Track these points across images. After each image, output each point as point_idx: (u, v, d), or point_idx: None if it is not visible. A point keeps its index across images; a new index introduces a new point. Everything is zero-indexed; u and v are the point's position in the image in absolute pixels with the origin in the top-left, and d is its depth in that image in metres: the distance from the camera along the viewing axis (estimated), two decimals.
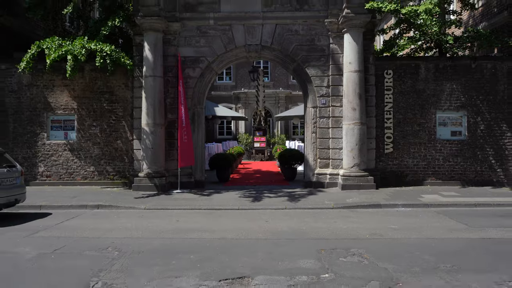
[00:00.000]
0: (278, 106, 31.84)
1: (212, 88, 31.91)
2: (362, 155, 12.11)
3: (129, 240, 6.99)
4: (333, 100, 12.65)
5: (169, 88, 12.79)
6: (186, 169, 12.67)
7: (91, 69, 13.00)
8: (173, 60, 12.72)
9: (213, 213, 9.43)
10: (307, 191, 12.04)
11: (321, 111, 12.76)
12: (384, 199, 10.40)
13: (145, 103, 12.24)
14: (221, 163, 14.50)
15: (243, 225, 8.12)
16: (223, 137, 31.59)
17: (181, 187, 12.29)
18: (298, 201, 10.43)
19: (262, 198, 10.90)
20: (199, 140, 13.04)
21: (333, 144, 12.63)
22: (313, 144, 12.84)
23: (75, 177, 13.09)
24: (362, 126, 12.13)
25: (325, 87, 12.75)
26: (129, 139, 13.03)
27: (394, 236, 7.23)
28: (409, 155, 12.84)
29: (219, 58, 12.97)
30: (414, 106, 12.84)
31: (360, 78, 12.11)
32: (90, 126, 13.09)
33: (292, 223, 8.33)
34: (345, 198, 10.71)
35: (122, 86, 13.07)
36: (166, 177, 12.40)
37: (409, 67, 12.87)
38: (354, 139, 12.05)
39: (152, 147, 12.17)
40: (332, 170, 12.61)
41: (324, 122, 12.75)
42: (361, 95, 12.13)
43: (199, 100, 13.07)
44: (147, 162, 12.21)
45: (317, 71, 12.76)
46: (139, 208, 9.94)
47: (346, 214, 9.16)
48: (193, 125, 12.92)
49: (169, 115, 12.78)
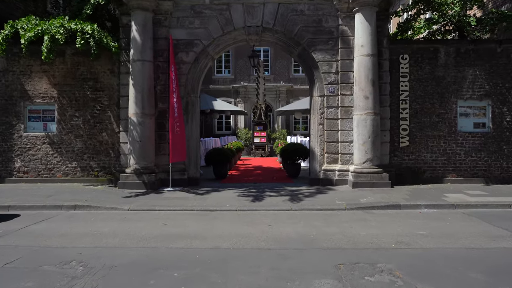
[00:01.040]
0: (279, 101, 30.63)
1: (210, 81, 30.73)
2: (375, 149, 10.81)
3: (102, 251, 5.69)
4: (343, 88, 11.33)
5: (160, 74, 11.46)
6: (179, 165, 11.37)
7: (73, 53, 11.67)
8: (164, 43, 11.39)
9: (207, 215, 8.13)
10: (314, 189, 10.74)
11: (329, 100, 11.45)
12: (403, 199, 9.10)
13: (133, 90, 10.92)
14: (218, 158, 13.21)
15: (242, 230, 6.82)
16: (222, 133, 30.40)
17: (173, 185, 11.00)
18: (304, 201, 9.14)
19: (264, 198, 9.60)
20: (193, 132, 11.72)
21: (343, 137, 11.33)
22: (320, 137, 11.54)
23: (56, 173, 11.78)
24: (376, 117, 10.82)
25: (333, 74, 11.43)
26: (115, 131, 11.72)
27: (425, 245, 5.94)
28: (426, 149, 11.53)
29: (216, 41, 11.63)
30: (432, 94, 11.52)
31: (373, 63, 10.79)
32: (72, 117, 11.77)
33: (299, 227, 7.04)
34: (358, 197, 9.42)
35: (107, 72, 11.74)
36: (156, 174, 11.09)
37: (427, 51, 11.55)
38: (367, 131, 10.75)
39: (140, 140, 10.86)
40: (342, 166, 11.31)
41: (333, 112, 11.43)
42: (375, 81, 10.82)
43: (193, 88, 11.75)
44: (134, 156, 10.90)
45: (325, 55, 11.44)
46: (122, 209, 8.64)
47: (362, 217, 7.86)
48: (186, 115, 11.61)
49: (159, 104, 11.47)
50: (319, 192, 10.29)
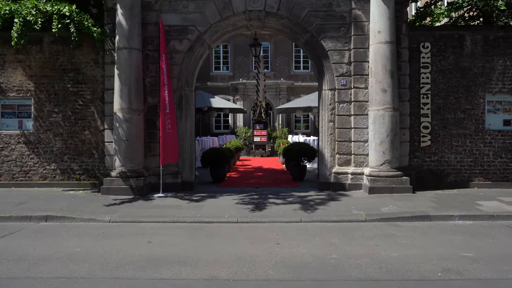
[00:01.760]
0: (279, 98, 29.39)
1: (208, 78, 29.44)
2: (394, 149, 9.52)
3: (63, 284, 4.38)
4: (356, 80, 10.03)
5: (149, 64, 10.14)
6: (171, 167, 10.05)
7: (52, 41, 10.33)
8: (154, 29, 10.06)
9: (202, 228, 6.82)
10: (325, 195, 9.44)
11: (340, 94, 10.15)
12: (431, 208, 7.81)
13: (118, 83, 9.59)
14: (215, 159, 11.89)
15: (244, 251, 5.52)
16: (220, 131, 29.12)
17: (165, 190, 9.69)
18: (316, 211, 7.84)
19: (268, 206, 8.30)
20: (187, 130, 10.40)
21: (356, 136, 10.03)
22: (330, 136, 10.23)
23: (32, 176, 10.44)
24: (395, 113, 9.53)
25: (345, 64, 10.12)
26: (99, 129, 10.38)
27: (480, 274, 4.64)
28: (450, 149, 10.24)
29: (213, 28, 10.31)
30: (457, 88, 10.23)
31: (391, 51, 9.49)
32: (50, 113, 10.43)
33: (314, 246, 5.74)
34: (378, 205, 8.12)
35: (90, 63, 10.40)
36: (145, 177, 9.77)
37: (451, 39, 10.25)
38: (385, 129, 9.45)
39: (126, 139, 9.53)
40: (355, 169, 10.01)
41: (345, 108, 10.13)
42: (393, 73, 9.52)
43: (188, 81, 10.43)
44: (120, 157, 9.57)
45: (336, 43, 10.13)
46: (101, 220, 7.32)
47: (388, 231, 6.57)
48: (180, 111, 10.28)
49: (149, 99, 10.15)
50: (331, 198, 8.99)
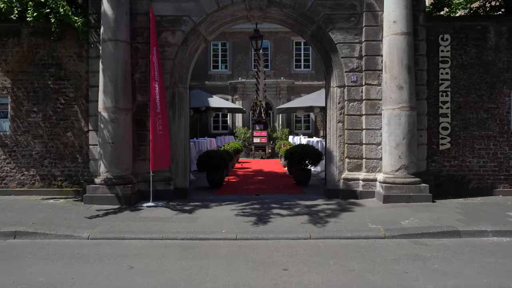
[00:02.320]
0: (280, 98, 28.44)
1: (206, 77, 28.47)
2: (412, 153, 8.52)
3: None
4: (368, 77, 9.04)
5: (139, 59, 9.13)
6: (163, 173, 9.05)
7: (31, 33, 9.32)
8: (144, 20, 9.06)
9: (194, 247, 5.82)
10: (335, 204, 8.44)
11: (350, 91, 9.15)
12: (458, 221, 6.80)
13: (103, 79, 8.58)
14: (212, 163, 10.89)
15: (245, 280, 4.51)
16: (218, 132, 28.14)
17: (155, 198, 8.68)
18: (327, 224, 6.83)
19: (271, 217, 7.30)
20: (180, 131, 9.39)
21: (368, 138, 9.04)
22: (339, 138, 9.23)
23: (9, 183, 9.42)
24: (412, 112, 8.54)
25: (356, 59, 9.13)
26: (83, 131, 9.37)
27: None
28: (472, 152, 9.25)
29: (209, 18, 9.30)
30: (479, 84, 9.24)
31: (408, 44, 8.51)
32: (29, 113, 9.41)
33: (330, 273, 4.74)
34: (396, 218, 7.12)
35: (73, 57, 9.38)
36: (134, 184, 8.76)
37: (473, 30, 9.26)
38: (401, 131, 8.46)
39: (112, 141, 8.52)
40: (367, 174, 9.02)
41: (355, 107, 9.14)
42: (410, 67, 8.53)
43: (181, 77, 9.42)
44: (105, 162, 8.56)
45: (345, 36, 9.14)
46: (79, 237, 6.31)
47: (414, 251, 5.57)
48: (173, 110, 9.28)
49: (138, 97, 9.14)
50: (342, 209, 7.99)
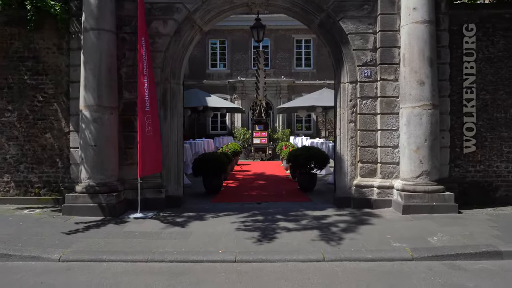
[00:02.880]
0: (280, 97, 27.55)
1: (204, 76, 27.53)
2: (434, 157, 7.53)
3: None
4: (384, 71, 8.04)
5: (126, 51, 8.12)
6: (153, 179, 8.04)
7: (5, 22, 8.30)
8: (132, 7, 8.05)
9: (185, 273, 4.81)
10: (347, 215, 7.43)
11: (363, 88, 8.16)
12: (495, 238, 5.80)
13: (84, 73, 7.56)
14: (209, 166, 9.90)
15: None
16: (217, 132, 27.18)
17: (144, 208, 7.68)
18: (342, 241, 5.83)
19: (277, 233, 6.29)
20: (173, 132, 8.38)
21: (384, 140, 8.04)
22: (350, 139, 8.23)
23: None
24: (435, 111, 7.55)
25: (369, 51, 8.14)
26: (64, 132, 8.35)
27: None
28: (500, 156, 8.25)
29: (205, 6, 8.30)
30: (509, 80, 8.25)
31: (430, 33, 7.52)
32: (3, 112, 8.39)
33: None
34: (421, 233, 6.12)
35: (53, 49, 8.37)
36: (119, 192, 7.74)
37: (501, 19, 8.26)
38: (422, 132, 7.47)
39: (94, 144, 7.50)
40: (382, 181, 8.01)
41: (369, 105, 8.15)
42: (433, 60, 7.54)
43: (174, 72, 8.41)
44: (87, 168, 7.54)
45: (358, 25, 8.14)
46: (48, 258, 5.29)
47: (453, 280, 4.56)
48: (164, 109, 8.28)
49: (125, 94, 8.13)
50: (357, 221, 6.98)
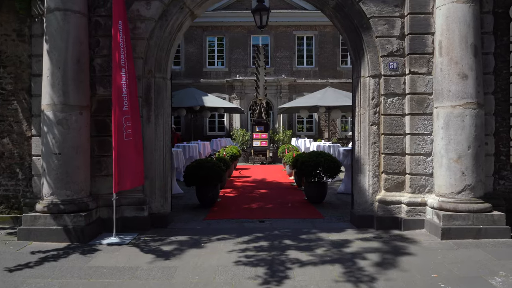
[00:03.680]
0: (280, 97, 26.35)
1: (201, 74, 26.26)
2: (479, 168, 6.09)
3: None
4: (413, 62, 6.61)
5: (100, 38, 6.67)
6: (134, 194, 6.60)
7: None
8: None
9: None
10: (373, 239, 5.98)
11: (389, 83, 6.72)
12: None
13: (48, 63, 6.10)
14: (203, 176, 8.48)
15: None
16: (214, 134, 25.92)
17: (123, 229, 6.25)
18: (374, 283, 4.39)
19: (287, 268, 4.83)
20: (158, 136, 6.90)
21: (414, 146, 6.60)
22: (372, 145, 6.80)
23: None
24: (480, 111, 6.12)
25: (396, 38, 6.71)
26: (25, 136, 6.89)
27: None
28: None
29: None
30: None
31: (475, 15, 6.10)
32: None
33: None
34: (476, 270, 4.67)
35: (12, 36, 6.91)
36: (91, 212, 6.28)
37: None
38: (465, 137, 6.03)
39: (59, 152, 6.04)
40: (413, 196, 6.57)
41: (395, 104, 6.71)
42: (477, 49, 6.12)
43: (159, 64, 6.95)
44: (49, 181, 6.07)
45: (382, 7, 6.71)
46: None
47: None
48: (147, 108, 6.82)
49: (99, 90, 6.67)
50: (388, 249, 5.52)
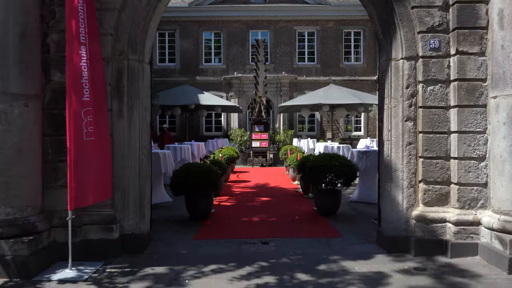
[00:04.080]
0: (281, 95, 25.11)
1: (197, 72, 24.93)
2: None
3: None
4: (462, 40, 5.10)
5: (56, 7, 5.12)
6: (99, 210, 5.08)
7: None
8: None
9: None
10: (416, 271, 4.45)
11: (428, 66, 5.22)
12: None
13: None
14: (192, 184, 6.96)
15: None
16: (211, 134, 24.63)
17: (85, 256, 4.74)
18: None
19: None
20: (133, 136, 5.33)
21: (463, 148, 5.08)
22: (407, 147, 5.29)
23: None
24: None
25: (438, 9, 5.21)
26: None
27: None
28: None
29: None
30: None
31: None
32: None
33: None
34: None
35: None
36: (41, 234, 4.73)
37: None
38: None
39: None
40: (461, 213, 5.06)
41: (437, 93, 5.21)
42: None
43: (135, 42, 5.41)
44: None
45: None
46: None
47: None
48: (118, 100, 5.27)
49: (55, 76, 5.13)
50: None
